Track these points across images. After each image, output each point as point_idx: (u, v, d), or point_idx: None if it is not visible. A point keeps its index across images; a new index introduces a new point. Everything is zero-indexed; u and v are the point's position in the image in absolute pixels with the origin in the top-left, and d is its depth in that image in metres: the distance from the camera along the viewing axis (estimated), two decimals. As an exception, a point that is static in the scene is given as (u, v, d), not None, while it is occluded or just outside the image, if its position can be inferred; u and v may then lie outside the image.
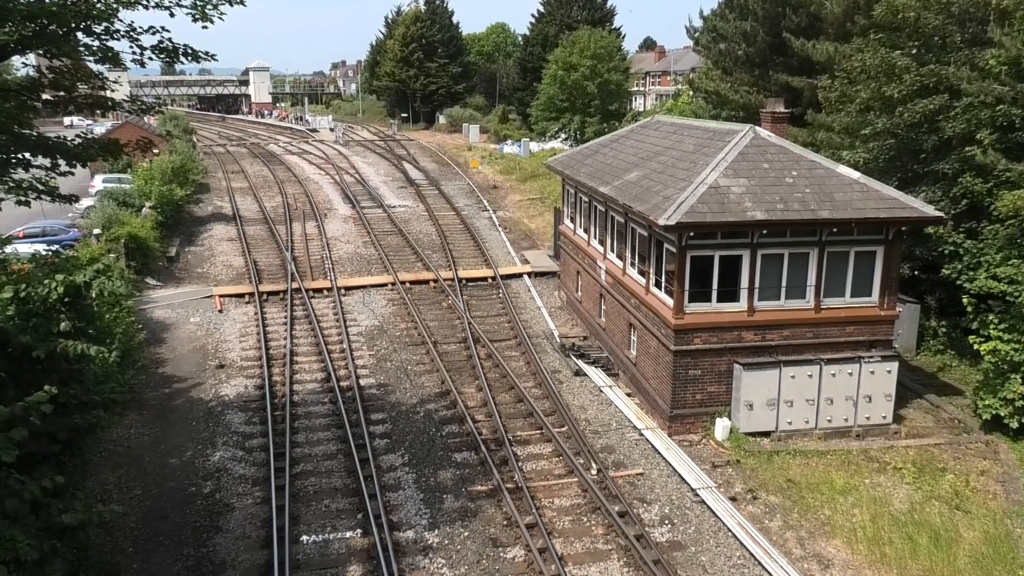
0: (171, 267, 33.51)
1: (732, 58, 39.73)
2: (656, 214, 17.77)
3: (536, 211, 43.90)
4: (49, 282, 11.50)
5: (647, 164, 22.15)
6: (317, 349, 23.83)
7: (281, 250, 35.44)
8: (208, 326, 26.20)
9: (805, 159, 19.49)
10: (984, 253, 20.09)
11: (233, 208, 45.97)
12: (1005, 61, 20.17)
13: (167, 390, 21.49)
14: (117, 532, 14.90)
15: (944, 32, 22.54)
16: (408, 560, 14.09)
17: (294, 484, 16.41)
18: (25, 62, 15.07)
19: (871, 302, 19.07)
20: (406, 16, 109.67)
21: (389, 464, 17.43)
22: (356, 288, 30.08)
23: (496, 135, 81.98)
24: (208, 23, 13.54)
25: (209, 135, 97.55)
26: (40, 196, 13.50)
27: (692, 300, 18.42)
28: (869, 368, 18.70)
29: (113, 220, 31.86)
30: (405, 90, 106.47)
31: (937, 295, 23.54)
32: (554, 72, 67.53)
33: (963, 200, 21.57)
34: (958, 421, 19.71)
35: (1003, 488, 16.72)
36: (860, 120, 24.56)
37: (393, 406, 20.31)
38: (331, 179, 56.80)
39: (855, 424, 18.90)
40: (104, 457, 17.60)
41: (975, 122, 20.94)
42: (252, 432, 18.96)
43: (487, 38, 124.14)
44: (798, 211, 17.88)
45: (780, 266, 18.60)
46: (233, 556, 14.29)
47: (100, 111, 15.50)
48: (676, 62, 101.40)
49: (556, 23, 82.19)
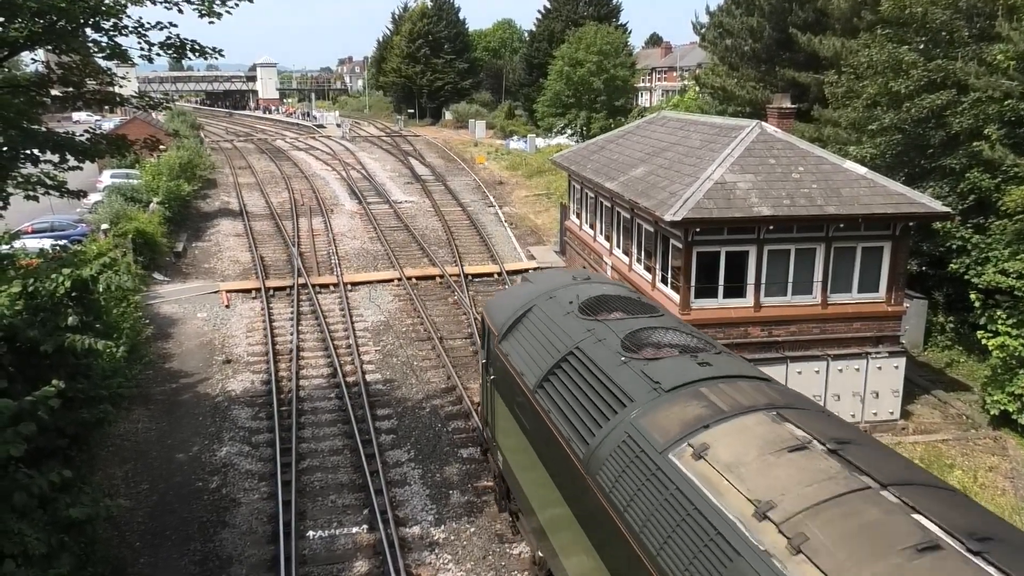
0: (178, 262, 33.61)
1: (738, 54, 39.61)
2: (662, 210, 17.74)
3: (542, 207, 43.86)
4: (56, 276, 11.56)
5: (653, 160, 22.11)
6: (323, 344, 23.88)
7: (287, 245, 35.49)
8: (215, 321, 26.27)
9: (812, 155, 19.43)
10: (992, 248, 20.01)
11: (240, 204, 46.05)
12: (1013, 56, 20.06)
13: (174, 385, 21.56)
14: (124, 526, 14.97)
15: (951, 27, 22.43)
16: (414, 556, 14.12)
17: (300, 479, 16.46)
18: (34, 58, 15.10)
19: (878, 298, 19.01)
20: (413, 12, 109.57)
21: (395, 460, 17.46)
22: (362, 284, 30.11)
23: (502, 131, 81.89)
24: (215, 19, 13.57)
25: (216, 131, 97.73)
26: (48, 191, 13.55)
27: (698, 296, 18.39)
28: (876, 364, 18.66)
29: (121, 215, 31.94)
30: (411, 86, 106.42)
31: (945, 290, 23.46)
32: (560, 68, 67.41)
33: (971, 195, 21.48)
34: (966, 417, 19.66)
35: (1011, 484, 16.67)
36: (867, 115, 24.47)
37: (399, 402, 20.34)
38: (337, 175, 56.84)
39: (862, 420, 18.86)
40: (111, 452, 17.68)
41: (983, 117, 20.84)
42: (259, 427, 19.01)
43: (493, 34, 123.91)
44: (805, 206, 17.84)
45: (787, 262, 18.55)
46: (240, 551, 14.34)
47: (108, 107, 15.54)
48: (682, 58, 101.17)
49: (562, 19, 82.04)
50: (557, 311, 12.25)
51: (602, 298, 12.28)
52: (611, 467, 8.53)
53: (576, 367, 10.45)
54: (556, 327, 11.77)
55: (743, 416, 8.08)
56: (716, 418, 8.11)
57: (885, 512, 6.35)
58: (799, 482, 6.86)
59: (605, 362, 10.01)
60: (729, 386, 8.79)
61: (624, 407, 8.97)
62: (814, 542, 6.19)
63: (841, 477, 6.86)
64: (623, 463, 8.38)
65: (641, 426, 8.50)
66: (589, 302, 12.12)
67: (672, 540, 7.16)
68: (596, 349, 10.43)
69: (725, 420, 8.04)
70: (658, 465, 7.88)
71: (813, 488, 6.75)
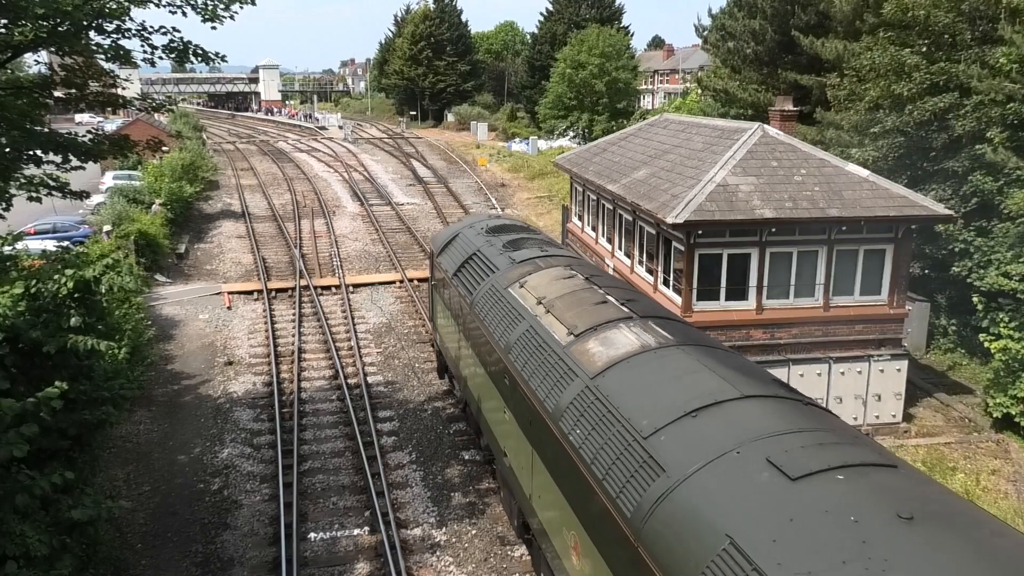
0: (180, 264, 33.64)
1: (741, 56, 39.62)
2: (664, 212, 17.74)
3: (544, 209, 43.88)
4: (59, 277, 11.57)
5: (655, 162, 22.12)
6: (325, 346, 23.88)
7: (290, 247, 35.53)
8: (217, 323, 26.29)
9: (814, 157, 19.43)
10: (994, 251, 20.00)
11: (242, 205, 46.10)
12: (1016, 59, 20.06)
13: (176, 387, 21.57)
14: (126, 528, 14.97)
15: (954, 30, 22.43)
16: (415, 558, 14.11)
17: (302, 481, 16.46)
18: (37, 59, 15.13)
19: (880, 300, 19.00)
20: (415, 14, 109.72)
21: (397, 462, 17.46)
22: (364, 285, 30.13)
23: (504, 133, 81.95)
24: (218, 23, 13.57)
25: (219, 132, 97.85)
26: (51, 192, 13.56)
27: (700, 298, 18.39)
28: (879, 367, 18.64)
29: (123, 217, 31.98)
30: (414, 88, 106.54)
31: (947, 293, 23.44)
32: (562, 70, 67.47)
33: (973, 198, 21.46)
34: (968, 420, 19.63)
35: (1014, 488, 16.64)
36: (869, 118, 24.47)
37: (401, 404, 20.34)
38: (340, 176, 56.90)
39: (865, 423, 18.84)
40: (113, 453, 17.68)
41: (985, 120, 20.84)
42: (260, 429, 19.02)
43: (496, 36, 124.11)
44: (807, 209, 17.83)
45: (789, 264, 18.55)
46: (241, 553, 14.34)
47: (111, 108, 15.56)
48: (684, 60, 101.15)
49: (565, 21, 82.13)
50: (472, 233, 18.88)
51: (501, 225, 19.20)
52: (483, 302, 15.14)
53: (476, 259, 17.06)
54: (470, 241, 18.30)
55: (550, 270, 14.77)
56: (535, 272, 14.80)
57: (596, 300, 12.62)
58: (560, 289, 13.43)
59: (491, 254, 16.67)
60: (551, 259, 15.65)
61: (493, 272, 15.74)
62: (555, 309, 12.61)
63: (582, 288, 13.37)
64: (489, 299, 14.93)
65: (498, 279, 15.24)
66: (493, 226, 18.93)
67: (501, 320, 13.88)
68: (488, 249, 17.14)
69: (538, 272, 14.76)
70: (503, 294, 14.52)
71: (567, 292, 13.20)
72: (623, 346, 10.69)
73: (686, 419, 8.57)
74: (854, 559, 6.22)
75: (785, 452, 7.60)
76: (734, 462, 7.71)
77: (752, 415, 8.49)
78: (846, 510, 6.75)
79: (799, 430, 8.06)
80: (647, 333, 10.97)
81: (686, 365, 9.83)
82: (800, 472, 7.25)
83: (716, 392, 8.93)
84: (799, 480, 7.19)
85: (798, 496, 7.02)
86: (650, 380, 9.71)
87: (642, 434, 8.63)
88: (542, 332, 12.24)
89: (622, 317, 11.64)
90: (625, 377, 9.93)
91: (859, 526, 6.55)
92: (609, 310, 12.01)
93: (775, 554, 6.45)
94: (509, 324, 13.40)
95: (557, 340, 11.71)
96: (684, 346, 10.47)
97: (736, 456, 7.77)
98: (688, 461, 7.95)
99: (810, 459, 7.45)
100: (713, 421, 8.46)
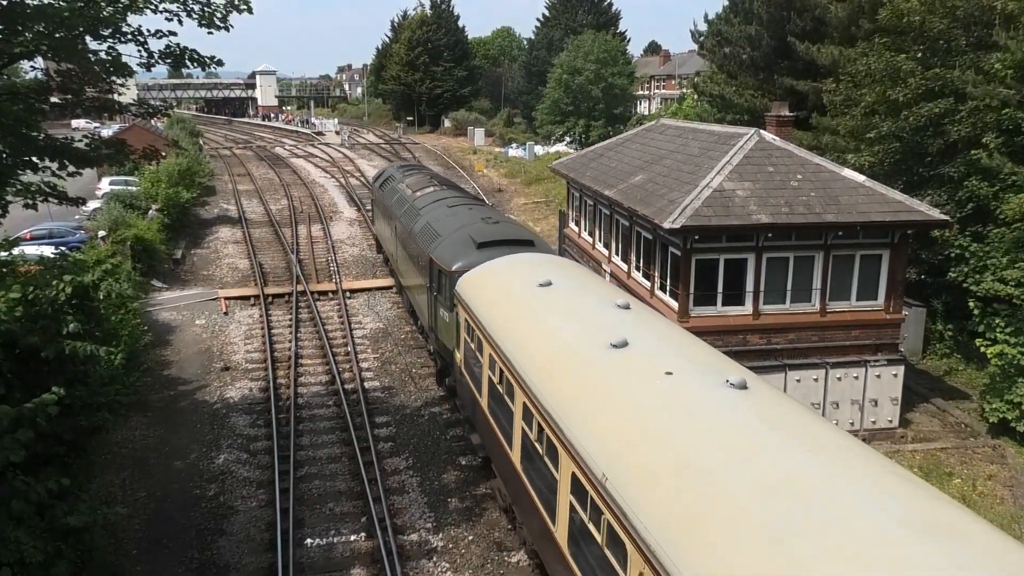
0: (177, 269, 33.60)
1: (737, 62, 39.74)
2: (661, 217, 17.77)
3: (541, 214, 43.92)
4: (57, 283, 11.55)
5: (652, 167, 22.15)
6: (322, 352, 23.86)
7: (286, 253, 35.51)
8: (213, 328, 26.25)
9: (810, 162, 19.47)
10: (990, 256, 20.04)
11: (239, 211, 46.08)
12: (1011, 65, 20.14)
13: (172, 392, 21.53)
14: (122, 534, 14.92)
15: (949, 36, 22.52)
16: (412, 563, 14.08)
17: (298, 487, 16.42)
18: (33, 65, 15.10)
19: (877, 305, 19.03)
20: (412, 20, 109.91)
21: (393, 467, 17.43)
22: (361, 291, 30.12)
23: (501, 138, 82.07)
24: (215, 29, 13.56)
25: (215, 138, 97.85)
26: (47, 199, 13.53)
27: (697, 303, 18.40)
28: (875, 372, 18.66)
29: (120, 222, 31.93)
30: (411, 93, 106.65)
31: (943, 298, 23.49)
32: (559, 76, 67.60)
33: (969, 203, 21.53)
34: (965, 425, 19.66)
35: (1010, 493, 16.66)
36: (865, 123, 24.53)
37: (397, 409, 20.32)
38: (336, 182, 56.90)
39: (861, 428, 18.85)
40: (109, 459, 17.64)
41: (981, 125, 20.91)
42: (256, 435, 18.98)
43: (492, 42, 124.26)
44: (803, 214, 17.87)
45: (785, 269, 18.58)
46: (237, 559, 14.30)
47: (107, 114, 15.54)
48: (681, 66, 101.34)
49: (561, 27, 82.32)
50: (391, 169, 31.66)
51: (406, 165, 32.39)
52: (390, 195, 28.89)
53: (390, 178, 30.73)
54: (391, 173, 30.43)
55: (418, 175, 29.86)
56: (410, 175, 29.61)
57: (433, 185, 27.18)
58: (421, 182, 27.59)
59: (395, 174, 31.01)
60: (416, 172, 31.21)
61: (395, 181, 29.78)
62: (415, 187, 26.93)
63: (430, 182, 27.76)
64: (392, 193, 28.73)
65: (397, 183, 29.12)
66: (401, 166, 32.13)
67: (404, 213, 25.13)
68: (395, 172, 31.46)
69: (412, 175, 29.51)
70: (397, 187, 28.51)
71: (424, 183, 27.36)
72: (434, 197, 24.54)
73: (450, 219, 21.41)
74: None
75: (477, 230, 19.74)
76: (458, 234, 19.72)
77: (464, 216, 21.40)
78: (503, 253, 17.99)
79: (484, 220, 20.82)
80: (442, 192, 25.54)
81: (453, 207, 22.86)
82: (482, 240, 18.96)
83: (460, 211, 22.20)
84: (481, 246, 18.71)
85: (479, 253, 18.31)
86: (443, 209, 22.73)
87: (433, 227, 21.26)
88: (408, 196, 26.05)
89: (436, 186, 26.96)
90: (434, 209, 23.06)
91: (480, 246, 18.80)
92: (434, 184, 27.29)
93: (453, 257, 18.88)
94: (399, 200, 26.83)
95: (413, 196, 25.75)
96: (456, 200, 24.03)
97: (459, 232, 19.88)
98: (445, 233, 20.18)
99: (487, 236, 19.18)
100: (455, 219, 21.21)
